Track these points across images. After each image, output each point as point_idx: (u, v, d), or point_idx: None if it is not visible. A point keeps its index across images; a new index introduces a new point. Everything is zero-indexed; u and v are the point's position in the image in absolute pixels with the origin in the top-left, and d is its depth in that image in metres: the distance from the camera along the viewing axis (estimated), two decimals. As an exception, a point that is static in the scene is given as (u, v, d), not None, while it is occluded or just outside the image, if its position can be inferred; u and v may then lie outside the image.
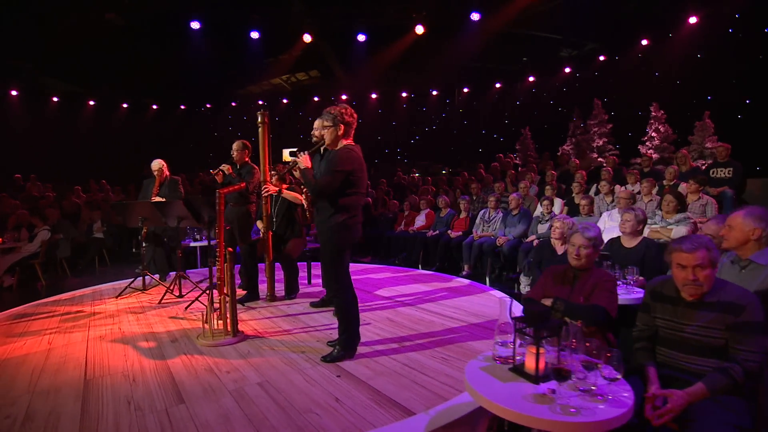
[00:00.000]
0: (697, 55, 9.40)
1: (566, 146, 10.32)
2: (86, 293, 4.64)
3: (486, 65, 14.07)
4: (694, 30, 9.41)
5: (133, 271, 6.98)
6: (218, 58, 12.40)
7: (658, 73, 10.16)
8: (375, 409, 2.09)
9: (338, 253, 2.61)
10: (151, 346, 2.97)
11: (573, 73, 12.38)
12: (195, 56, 12.04)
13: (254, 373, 2.51)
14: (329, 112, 2.66)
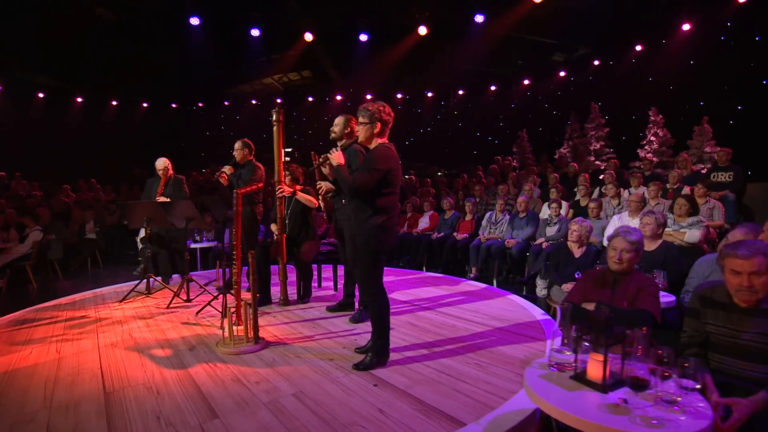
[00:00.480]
0: (690, 61, 9.61)
1: (563, 149, 10.41)
2: (87, 297, 4.43)
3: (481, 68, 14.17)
4: (687, 36, 9.62)
5: (130, 273, 6.82)
6: (212, 56, 12.15)
7: (652, 78, 10.35)
8: (423, 420, 2.01)
9: (376, 256, 2.52)
10: (168, 355, 2.82)
11: (567, 76, 12.54)
12: (187, 54, 11.80)
13: (286, 383, 2.40)
14: (366, 108, 2.57)
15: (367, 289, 2.59)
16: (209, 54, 11.96)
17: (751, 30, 8.65)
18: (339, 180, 2.55)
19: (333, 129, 3.49)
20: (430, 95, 15.75)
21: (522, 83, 13.71)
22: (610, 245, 2.47)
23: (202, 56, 12.03)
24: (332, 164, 2.60)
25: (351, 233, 2.64)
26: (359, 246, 2.54)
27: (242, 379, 2.44)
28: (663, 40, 10.16)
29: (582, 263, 4.04)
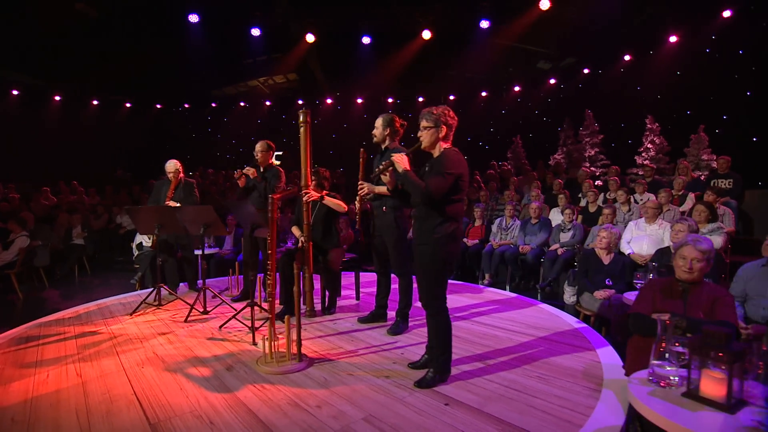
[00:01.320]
0: (677, 72, 9.97)
1: (558, 155, 10.59)
2: (92, 309, 4.07)
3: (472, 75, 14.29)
4: (674, 48, 9.98)
5: (123, 281, 6.40)
6: (200, 57, 11.73)
7: (640, 87, 10.68)
8: (515, 443, 1.88)
9: (444, 267, 2.39)
10: (205, 376, 2.59)
11: (557, 84, 12.80)
12: (173, 53, 11.35)
13: (350, 406, 2.22)
14: (431, 112, 2.45)
15: (431, 301, 2.45)
16: (197, 54, 11.56)
17: (735, 43, 9.05)
18: (407, 187, 2.39)
19: (374, 132, 3.32)
20: (421, 100, 15.76)
21: (512, 90, 13.91)
22: (678, 254, 2.42)
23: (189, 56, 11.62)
24: (397, 170, 2.43)
25: (417, 242, 2.49)
26: (426, 256, 2.39)
27: (300, 403, 2.25)
28: (650, 51, 10.52)
29: (611, 270, 4.03)
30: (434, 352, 2.50)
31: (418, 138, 2.53)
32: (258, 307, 3.45)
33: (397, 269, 3.39)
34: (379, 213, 3.35)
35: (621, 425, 2.03)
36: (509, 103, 14.06)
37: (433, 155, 2.55)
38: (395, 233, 3.30)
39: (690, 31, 9.59)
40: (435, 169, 2.36)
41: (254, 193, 4.31)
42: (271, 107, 15.29)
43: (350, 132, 15.16)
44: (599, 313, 3.74)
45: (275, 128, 14.82)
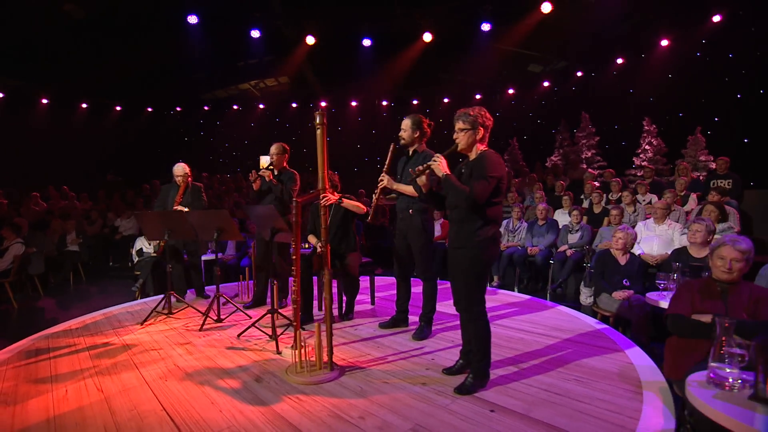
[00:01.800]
0: (668, 75, 10.17)
1: (554, 157, 10.69)
2: (99, 319, 3.90)
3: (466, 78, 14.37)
4: (665, 52, 10.19)
5: (122, 289, 6.20)
6: (192, 59, 11.53)
7: (633, 90, 10.88)
8: (574, 451, 1.84)
9: (485, 270, 2.35)
10: (235, 388, 2.48)
11: (551, 87, 12.96)
12: (165, 55, 11.14)
13: (394, 416, 2.15)
14: (466, 113, 2.39)
15: (470, 306, 2.40)
16: (188, 56, 11.36)
17: (725, 47, 9.28)
18: (450, 192, 2.32)
19: (401, 134, 3.26)
20: (416, 103, 15.79)
21: (506, 92, 14.04)
22: (716, 254, 2.42)
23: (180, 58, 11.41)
24: (437, 174, 2.36)
25: (454, 246, 2.43)
26: (466, 259, 2.34)
27: (342, 414, 2.17)
28: (642, 55, 10.72)
29: (628, 271, 4.04)
30: (474, 358, 2.45)
31: (454, 140, 2.48)
32: (279, 314, 3.35)
33: (422, 273, 3.33)
34: (405, 215, 3.28)
35: (673, 429, 2.00)
36: (503, 105, 14.18)
37: (468, 157, 2.50)
38: (422, 236, 3.24)
39: (681, 36, 9.81)
40: (477, 172, 2.31)
41: (268, 197, 4.21)
42: (264, 110, 15.09)
43: (344, 135, 15.09)
44: (619, 313, 3.74)
45: (269, 132, 14.66)
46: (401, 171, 3.30)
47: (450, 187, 2.30)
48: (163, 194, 4.54)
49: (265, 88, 16.73)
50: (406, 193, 3.21)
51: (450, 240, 2.53)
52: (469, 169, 2.42)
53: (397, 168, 3.34)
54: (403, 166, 3.32)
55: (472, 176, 2.33)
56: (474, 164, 2.38)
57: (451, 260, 2.52)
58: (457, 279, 2.43)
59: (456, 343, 3.23)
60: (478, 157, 2.39)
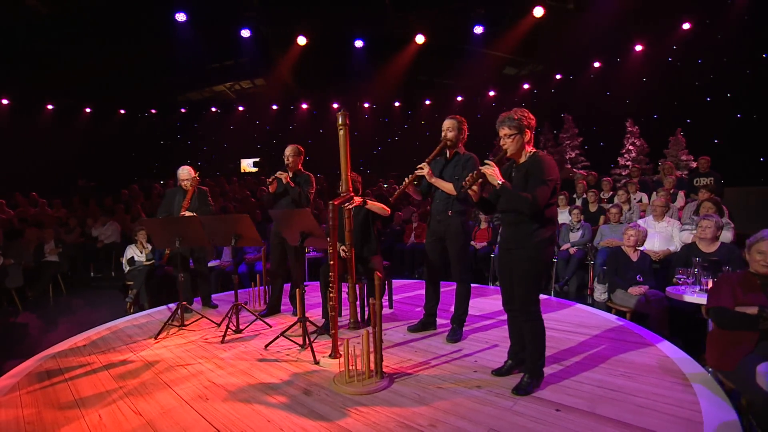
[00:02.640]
0: (643, 79, 10.69)
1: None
2: (105, 334, 3.62)
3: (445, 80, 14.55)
4: (640, 57, 10.71)
5: (101, 298, 5.85)
6: (166, 59, 11.07)
7: (609, 92, 11.36)
8: (656, 447, 1.85)
9: (543, 270, 2.34)
10: (286, 402, 2.35)
11: (531, 89, 13.33)
12: (137, 55, 10.63)
13: (464, 421, 2.10)
14: (511, 117, 2.36)
15: (528, 306, 2.39)
16: (162, 57, 10.89)
17: (694, 54, 9.86)
18: (510, 200, 2.28)
19: (448, 136, 3.21)
20: (397, 105, 15.83)
21: (487, 94, 14.31)
22: (754, 249, 2.52)
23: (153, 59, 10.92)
24: (492, 183, 2.32)
25: (508, 247, 2.42)
26: (524, 261, 2.33)
27: (411, 424, 2.09)
28: (618, 59, 11.22)
29: (640, 267, 4.17)
30: (530, 357, 2.43)
31: (501, 147, 2.45)
32: (310, 322, 3.22)
33: (458, 275, 3.30)
34: (443, 217, 3.24)
35: (736, 419, 2.06)
36: (485, 107, 14.44)
37: (516, 161, 2.48)
38: (461, 238, 3.21)
39: (654, 42, 10.33)
40: (535, 176, 2.29)
41: (283, 200, 4.07)
42: (244, 113, 14.68)
43: (327, 137, 14.91)
44: (636, 309, 3.85)
45: (249, 134, 14.28)
46: (439, 171, 3.26)
47: (509, 196, 2.27)
48: (168, 199, 4.30)
49: (241, 90, 16.32)
50: (445, 189, 3.18)
51: (503, 241, 2.51)
52: (521, 172, 2.40)
53: (438, 169, 3.28)
54: (442, 167, 3.27)
55: (529, 181, 2.31)
56: (529, 168, 2.35)
57: (504, 261, 2.51)
58: (516, 280, 2.41)
59: (490, 343, 3.22)
60: (531, 161, 2.37)
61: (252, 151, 14.02)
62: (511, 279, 2.49)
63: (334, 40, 9.89)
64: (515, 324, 2.61)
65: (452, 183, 3.16)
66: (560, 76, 12.47)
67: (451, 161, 3.24)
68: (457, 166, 3.19)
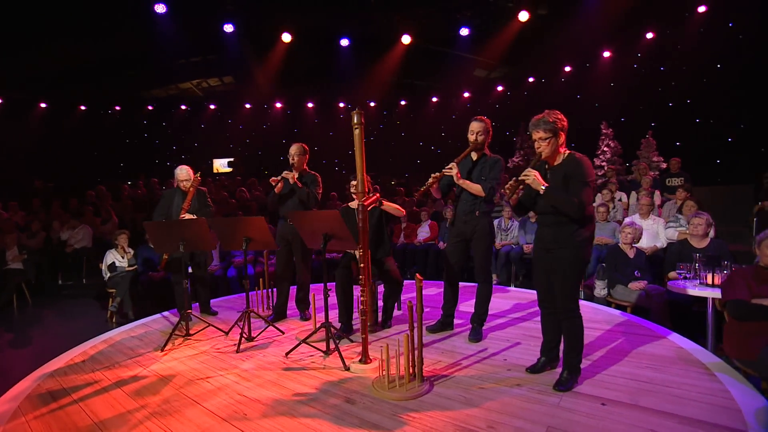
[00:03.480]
0: (610, 83, 11.25)
1: (515, 158, 11.31)
2: (102, 348, 3.32)
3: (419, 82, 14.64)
4: (608, 63, 11.27)
5: (74, 308, 5.44)
6: (129, 52, 10.44)
7: (580, 95, 11.86)
8: (709, 435, 1.93)
9: (584, 269, 2.39)
10: (333, 413, 2.24)
11: (504, 92, 13.70)
12: (97, 47, 9.94)
13: (520, 420, 2.10)
14: (545, 120, 2.38)
15: (568, 304, 2.43)
16: (125, 50, 10.26)
17: (657, 62, 10.51)
18: (557, 204, 2.31)
19: (478, 139, 3.19)
20: (373, 105, 15.76)
21: (462, 96, 14.57)
22: (763, 245, 2.69)
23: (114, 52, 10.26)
24: (535, 188, 2.34)
25: (547, 248, 2.45)
26: (567, 260, 2.37)
27: (469, 427, 2.07)
28: (587, 64, 11.75)
29: (637, 263, 4.37)
30: (569, 354, 2.48)
31: (536, 150, 2.47)
32: (333, 328, 3.12)
33: (482, 276, 3.31)
34: (470, 218, 3.23)
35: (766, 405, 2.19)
36: (460, 108, 14.69)
37: (549, 163, 2.51)
38: (488, 239, 3.23)
39: (621, 48, 10.90)
40: (576, 179, 2.32)
41: (290, 201, 3.93)
42: (216, 111, 14.09)
43: (302, 136, 14.62)
44: (638, 303, 4.04)
45: (221, 133, 13.73)
46: (466, 173, 3.25)
47: (556, 200, 2.30)
48: (166, 201, 4.03)
49: (209, 87, 15.67)
50: (472, 191, 3.17)
51: (541, 242, 2.53)
52: (557, 174, 2.42)
53: (464, 170, 3.27)
54: (470, 168, 3.26)
55: (570, 183, 2.34)
56: (567, 170, 2.38)
57: (543, 261, 2.54)
58: (557, 279, 2.44)
59: (512, 341, 3.26)
60: (569, 162, 2.41)
61: (225, 151, 13.50)
62: (548, 278, 2.53)
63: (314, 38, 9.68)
64: (549, 321, 2.65)
65: (480, 184, 3.16)
66: (533, 79, 12.88)
67: (478, 163, 3.25)
68: (485, 167, 3.20)
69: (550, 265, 2.48)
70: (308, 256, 4.06)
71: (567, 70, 12.04)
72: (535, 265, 2.64)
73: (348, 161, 15.96)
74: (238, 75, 13.70)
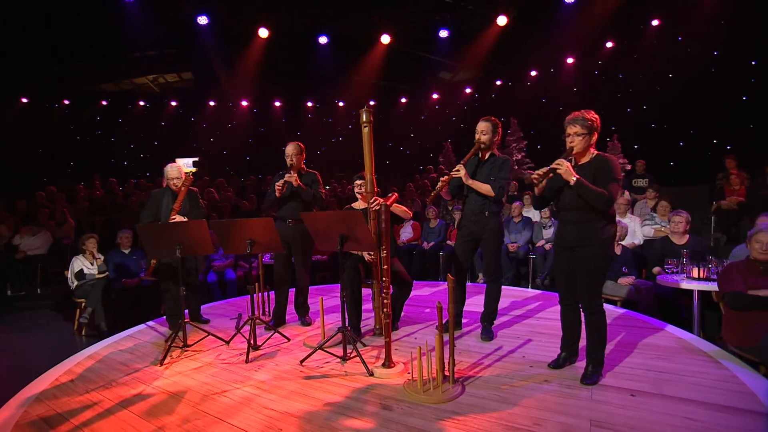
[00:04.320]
0: (573, 88, 11.81)
1: (485, 160, 11.60)
2: (91, 365, 2.98)
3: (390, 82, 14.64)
4: (571, 69, 11.84)
5: (32, 322, 4.96)
6: (79, 40, 9.63)
7: (545, 99, 12.38)
8: (737, 418, 2.04)
9: (609, 265, 2.46)
10: (373, 421, 2.16)
11: (473, 94, 14.02)
12: (45, 33, 9.09)
13: (562, 416, 2.13)
14: (583, 118, 2.46)
15: (594, 300, 2.50)
16: (74, 37, 9.45)
17: (616, 69, 11.17)
18: (587, 196, 2.36)
19: (481, 138, 3.20)
20: (342, 105, 15.59)
21: (431, 97, 14.75)
22: (753, 239, 2.92)
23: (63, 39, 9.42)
24: (566, 178, 2.39)
25: (570, 246, 2.51)
26: (592, 258, 2.44)
27: (516, 425, 2.06)
28: (551, 69, 12.28)
29: (624, 259, 4.60)
30: (593, 348, 2.54)
31: (568, 144, 2.53)
32: (350, 333, 3.02)
33: (492, 275, 3.34)
34: (479, 218, 3.24)
35: (774, 387, 2.37)
36: (429, 110, 14.87)
37: (576, 160, 2.58)
38: (498, 238, 3.25)
39: (583, 55, 11.49)
40: (605, 175, 2.40)
41: (291, 203, 3.78)
42: (177, 108, 13.30)
43: (268, 137, 14.16)
44: (628, 297, 4.25)
45: (183, 132, 12.99)
46: (472, 172, 3.26)
47: (588, 192, 2.35)
48: (154, 202, 3.72)
49: (166, 83, 14.81)
50: (482, 191, 3.18)
51: (563, 240, 2.59)
52: (586, 171, 2.49)
53: (470, 170, 3.28)
54: (475, 168, 3.28)
55: (598, 179, 2.41)
56: (597, 168, 2.46)
57: (564, 259, 2.59)
58: (583, 277, 2.50)
59: (523, 338, 3.32)
60: (598, 161, 2.49)
61: (188, 150, 12.79)
62: (570, 276, 2.59)
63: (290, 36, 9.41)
64: (570, 317, 2.72)
65: (489, 184, 3.18)
66: (500, 83, 13.27)
67: (486, 162, 3.26)
68: (494, 167, 3.22)
69: (573, 263, 2.54)
70: (308, 259, 3.92)
71: (533, 75, 12.50)
72: (555, 262, 2.70)
73: (317, 161, 15.64)
74: (199, 71, 13.02)
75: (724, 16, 8.85)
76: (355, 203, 3.78)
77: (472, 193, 3.28)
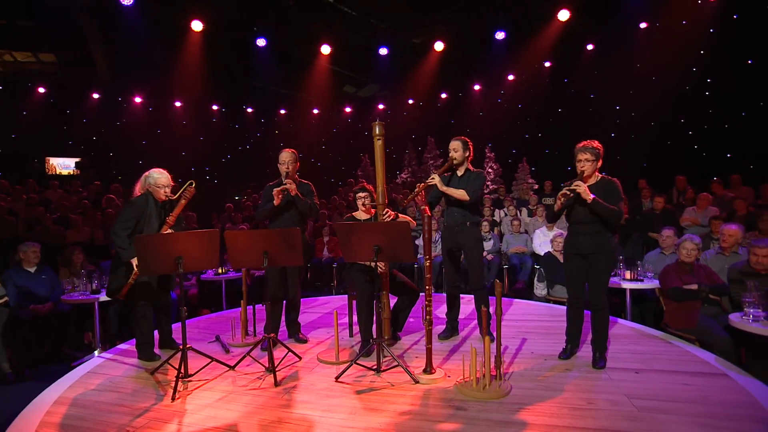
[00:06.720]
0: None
1: (404, 175, 12.23)
2: (73, 412, 2.32)
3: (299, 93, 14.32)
4: (477, 95, 13.14)
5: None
6: None
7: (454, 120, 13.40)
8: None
9: (613, 269, 2.97)
10: (465, 422, 2.22)
11: (385, 110, 14.58)
12: None
13: (605, 394, 2.51)
14: (592, 147, 2.92)
15: (603, 298, 2.99)
16: None
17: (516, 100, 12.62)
18: (605, 213, 2.80)
19: (454, 155, 3.46)
20: (250, 111, 14.74)
21: (344, 110, 14.93)
22: (681, 246, 3.79)
23: None
24: (584, 198, 2.79)
25: (582, 253, 2.97)
26: (603, 263, 2.94)
27: (576, 406, 2.36)
28: (460, 94, 13.47)
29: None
30: (598, 338, 3.02)
31: (580, 169, 2.98)
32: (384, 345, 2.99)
33: (477, 284, 3.55)
34: (461, 228, 3.49)
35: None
36: (341, 123, 14.98)
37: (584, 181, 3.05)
38: (479, 248, 3.53)
39: (487, 85, 12.87)
40: (614, 196, 2.91)
41: (287, 213, 3.60)
42: (47, 95, 10.94)
43: (167, 140, 12.60)
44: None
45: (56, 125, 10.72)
46: (447, 185, 3.50)
47: (605, 211, 2.82)
48: (135, 212, 3.10)
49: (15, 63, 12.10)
50: (456, 195, 3.41)
51: (576, 248, 3.02)
52: (597, 191, 2.93)
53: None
54: (449, 182, 3.54)
55: (608, 199, 2.88)
56: (606, 189, 2.94)
57: (577, 265, 3.04)
58: (595, 280, 2.98)
59: (519, 338, 3.67)
60: (605, 183, 2.97)
61: (63, 148, 10.62)
62: (580, 278, 3.06)
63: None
64: (576, 314, 3.18)
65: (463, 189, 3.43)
66: (412, 101, 14.07)
67: (462, 177, 3.53)
68: (468, 181, 3.49)
69: (585, 268, 3.01)
70: (303, 273, 3.74)
71: (443, 97, 13.55)
72: (568, 268, 3.14)
73: (222, 170, 14.37)
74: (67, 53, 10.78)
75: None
76: (356, 212, 3.76)
77: (453, 206, 3.54)
